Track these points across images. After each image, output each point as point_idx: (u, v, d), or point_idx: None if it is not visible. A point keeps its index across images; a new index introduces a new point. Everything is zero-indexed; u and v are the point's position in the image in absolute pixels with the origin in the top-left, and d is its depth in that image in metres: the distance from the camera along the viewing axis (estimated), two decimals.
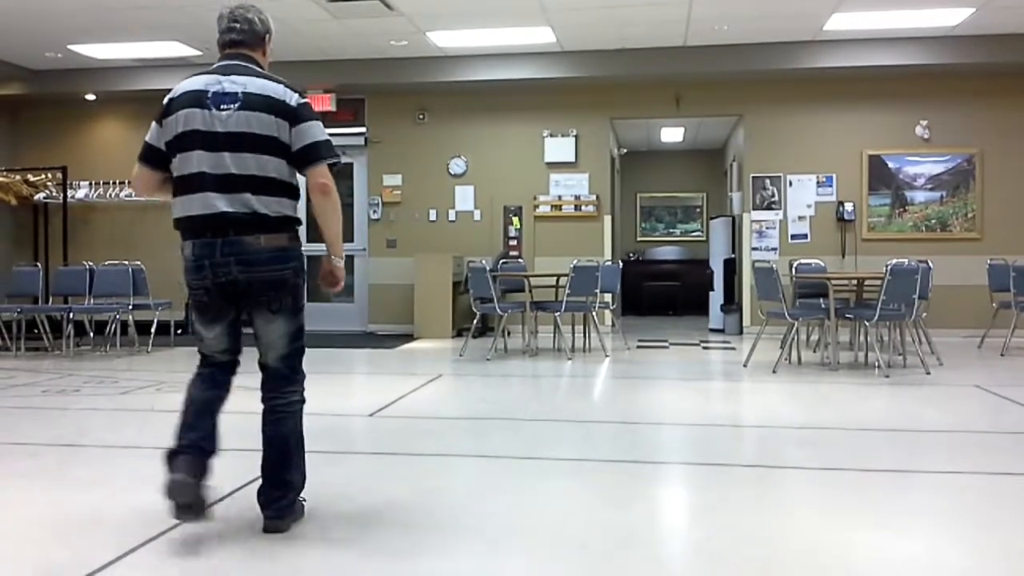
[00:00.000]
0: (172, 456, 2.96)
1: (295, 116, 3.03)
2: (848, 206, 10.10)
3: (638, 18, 8.66)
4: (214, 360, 3.24)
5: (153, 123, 3.17)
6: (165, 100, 3.12)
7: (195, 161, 3.01)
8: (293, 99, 3.04)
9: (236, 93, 3.01)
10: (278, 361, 3.14)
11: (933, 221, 10.10)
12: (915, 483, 3.86)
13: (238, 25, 3.18)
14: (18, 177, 10.62)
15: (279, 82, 3.09)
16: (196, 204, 3.01)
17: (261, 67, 3.18)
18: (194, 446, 2.99)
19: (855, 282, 8.02)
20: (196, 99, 3.03)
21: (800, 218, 10.28)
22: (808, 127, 10.27)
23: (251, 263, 3.00)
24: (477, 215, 10.86)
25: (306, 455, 3.23)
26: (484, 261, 8.71)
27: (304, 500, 3.24)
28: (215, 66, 3.14)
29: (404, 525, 3.22)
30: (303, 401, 3.22)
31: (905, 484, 3.83)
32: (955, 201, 10.05)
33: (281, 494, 3.10)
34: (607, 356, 8.39)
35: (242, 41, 3.18)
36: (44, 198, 10.82)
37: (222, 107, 3.00)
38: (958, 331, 9.47)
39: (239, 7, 3.24)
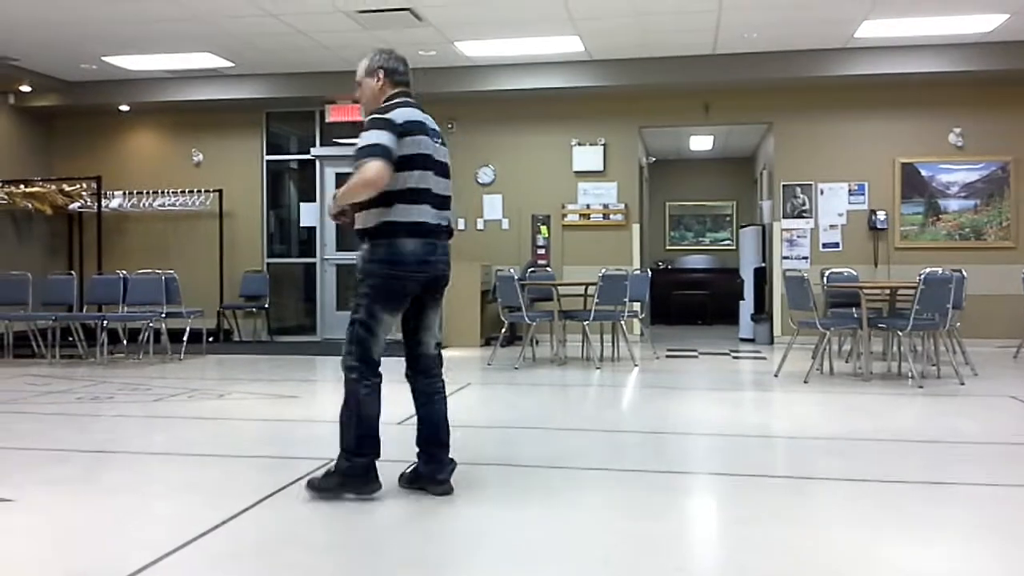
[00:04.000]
0: (367, 470, 3.60)
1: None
2: (880, 214, 10.00)
3: (666, 26, 8.65)
4: (378, 366, 3.64)
5: (391, 134, 3.49)
6: (400, 120, 3.53)
7: (428, 180, 3.59)
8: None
9: (438, 130, 3.73)
10: (436, 348, 3.79)
11: (967, 229, 9.97)
12: (949, 495, 3.80)
13: (409, 68, 3.79)
14: (53, 187, 10.78)
15: None
16: (426, 214, 3.58)
17: None
18: (375, 455, 3.64)
19: (888, 291, 7.93)
20: (424, 129, 3.62)
21: (832, 227, 10.19)
22: (839, 135, 10.18)
23: (448, 263, 3.72)
24: (505, 224, 10.87)
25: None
26: (512, 270, 8.72)
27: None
28: (412, 101, 3.69)
29: (430, 534, 3.22)
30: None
31: (938, 496, 3.78)
32: (989, 209, 9.92)
33: (445, 456, 3.76)
34: (636, 365, 8.36)
35: (409, 82, 3.79)
36: (79, 208, 10.97)
37: (437, 140, 3.68)
38: (992, 341, 9.32)
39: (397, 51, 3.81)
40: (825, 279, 8.20)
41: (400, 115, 3.55)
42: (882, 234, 10.06)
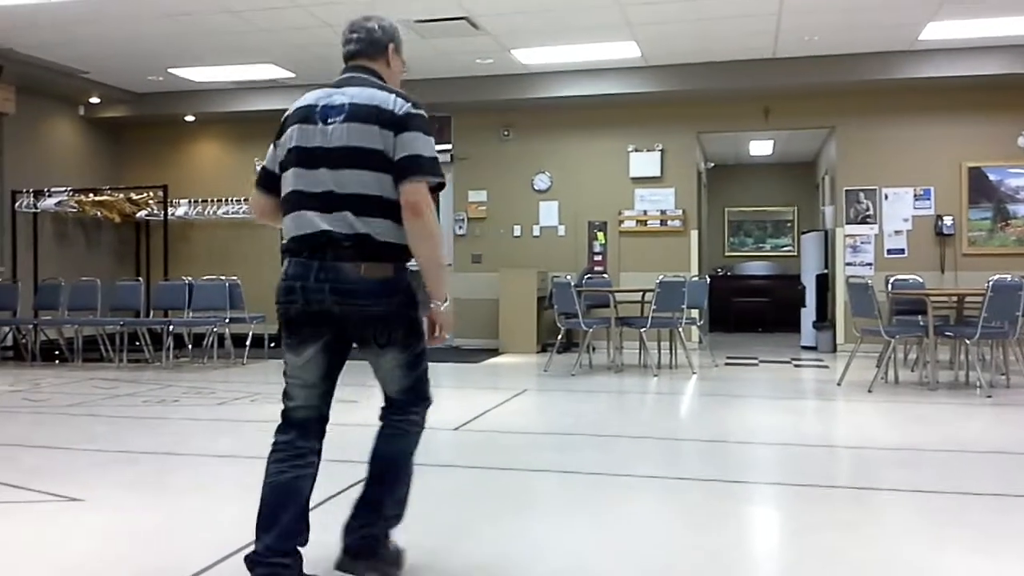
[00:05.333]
0: (250, 565, 2.63)
1: (401, 125, 2.72)
2: (947, 220, 9.76)
3: (725, 30, 8.56)
4: (295, 417, 2.98)
5: (271, 145, 2.88)
6: (282, 118, 2.86)
7: (291, 179, 2.75)
8: (401, 107, 2.74)
9: (343, 105, 2.74)
10: (399, 393, 2.95)
11: None
12: (1018, 507, 3.70)
13: (356, 35, 2.92)
14: (122, 195, 11.06)
15: (392, 92, 2.80)
16: (296, 223, 2.74)
17: (382, 78, 2.90)
18: (271, 552, 2.64)
19: (955, 298, 7.74)
20: (306, 114, 2.78)
21: (896, 232, 9.98)
22: (904, 139, 9.97)
23: (346, 293, 2.70)
24: (561, 230, 10.87)
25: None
26: (568, 276, 8.71)
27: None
28: (334, 80, 2.90)
29: (485, 542, 3.23)
30: (420, 426, 2.97)
31: (1007, 508, 3.67)
32: None
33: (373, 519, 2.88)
34: (694, 373, 8.28)
35: (360, 51, 2.92)
36: (146, 215, 11.23)
37: (329, 120, 2.73)
38: None
39: (361, 17, 2.95)
40: (890, 286, 8.04)
41: None
42: (949, 240, 9.82)
